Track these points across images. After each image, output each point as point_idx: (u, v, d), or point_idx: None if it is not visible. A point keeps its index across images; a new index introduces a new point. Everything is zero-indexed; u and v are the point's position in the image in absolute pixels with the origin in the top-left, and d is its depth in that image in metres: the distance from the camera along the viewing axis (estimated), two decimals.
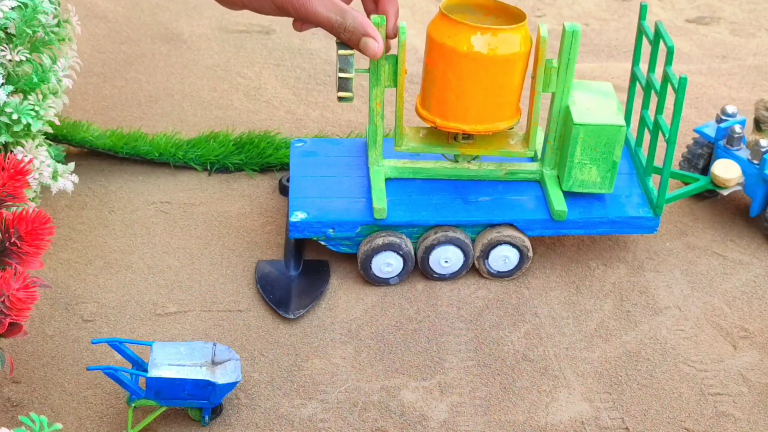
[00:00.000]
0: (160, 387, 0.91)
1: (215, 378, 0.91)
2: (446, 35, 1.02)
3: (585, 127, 1.07)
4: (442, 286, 1.12)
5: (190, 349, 0.94)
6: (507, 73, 1.04)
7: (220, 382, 0.91)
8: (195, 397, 0.91)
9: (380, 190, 1.10)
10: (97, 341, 0.93)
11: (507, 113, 1.08)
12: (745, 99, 1.48)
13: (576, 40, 1.05)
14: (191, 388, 0.91)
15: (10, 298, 0.80)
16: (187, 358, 0.93)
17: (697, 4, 1.78)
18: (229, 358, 0.94)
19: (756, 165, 1.18)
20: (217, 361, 0.94)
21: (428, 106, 1.08)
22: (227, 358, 0.94)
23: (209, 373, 0.92)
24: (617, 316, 1.09)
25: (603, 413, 0.98)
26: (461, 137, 1.12)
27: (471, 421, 0.96)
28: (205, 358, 0.93)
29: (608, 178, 1.10)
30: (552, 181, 1.13)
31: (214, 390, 0.91)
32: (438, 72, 1.05)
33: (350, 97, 1.07)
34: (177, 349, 0.94)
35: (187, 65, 1.54)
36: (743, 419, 0.97)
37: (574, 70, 1.07)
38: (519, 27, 1.03)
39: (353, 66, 1.05)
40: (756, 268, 1.16)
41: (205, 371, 0.92)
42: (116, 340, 0.92)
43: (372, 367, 1.02)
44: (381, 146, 1.13)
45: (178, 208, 1.23)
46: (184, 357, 0.93)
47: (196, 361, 0.93)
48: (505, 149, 1.12)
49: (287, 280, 1.11)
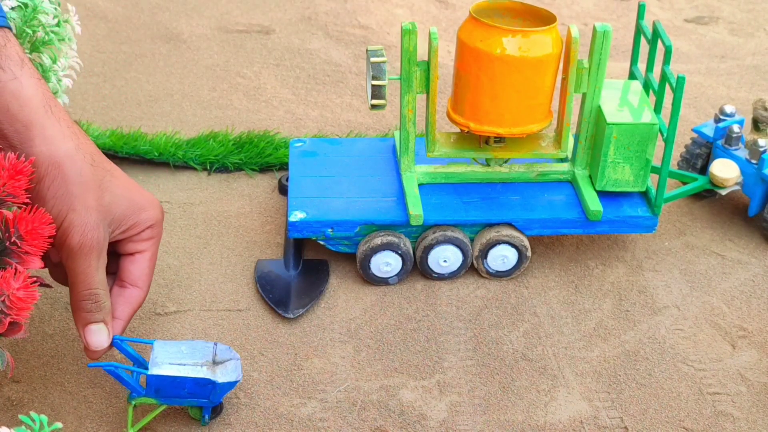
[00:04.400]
0: (160, 385, 0.91)
1: (216, 377, 0.91)
2: (478, 39, 1.03)
3: (618, 126, 1.08)
4: (441, 285, 1.13)
5: (191, 348, 0.94)
6: (539, 74, 1.04)
7: (221, 381, 0.91)
8: (195, 395, 0.92)
9: (414, 196, 1.10)
10: None
11: (540, 115, 1.08)
12: (744, 99, 1.48)
13: (607, 40, 1.05)
14: (192, 387, 0.91)
15: (11, 297, 0.80)
16: (188, 357, 0.93)
17: (696, 4, 1.78)
18: (230, 357, 0.94)
19: (754, 164, 1.18)
20: (218, 360, 0.94)
21: (461, 111, 1.09)
22: (228, 358, 0.94)
23: (210, 372, 0.92)
24: (616, 316, 1.09)
25: (602, 412, 0.98)
26: (493, 141, 1.12)
27: (470, 421, 0.96)
28: (206, 358, 0.93)
29: (641, 176, 1.11)
30: (585, 181, 1.14)
31: (214, 389, 0.91)
32: (471, 76, 1.05)
33: (384, 104, 1.07)
34: (178, 347, 0.94)
35: (186, 65, 1.54)
36: (742, 418, 0.97)
37: (605, 71, 1.08)
38: (550, 28, 1.03)
39: (386, 73, 1.05)
40: (755, 267, 1.16)
41: (205, 370, 0.92)
42: (117, 338, 0.92)
43: (371, 366, 1.02)
44: (413, 152, 1.13)
45: (177, 207, 1.23)
46: (185, 356, 0.93)
47: (197, 360, 0.93)
48: (537, 151, 1.13)
49: (287, 279, 1.11)
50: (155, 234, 0.93)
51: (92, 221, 0.86)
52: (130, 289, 0.93)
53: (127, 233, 0.91)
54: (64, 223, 0.85)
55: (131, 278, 0.93)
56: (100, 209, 0.87)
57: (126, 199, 0.90)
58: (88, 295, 0.88)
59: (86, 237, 0.86)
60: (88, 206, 0.86)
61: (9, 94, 0.83)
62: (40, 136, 0.84)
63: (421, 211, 1.08)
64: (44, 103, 0.85)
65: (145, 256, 0.93)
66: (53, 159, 0.85)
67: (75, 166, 0.85)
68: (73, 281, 0.88)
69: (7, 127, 0.84)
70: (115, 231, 0.90)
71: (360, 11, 1.71)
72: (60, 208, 0.85)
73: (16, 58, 0.85)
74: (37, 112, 0.84)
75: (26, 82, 0.85)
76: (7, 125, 0.84)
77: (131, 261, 0.93)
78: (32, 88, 0.85)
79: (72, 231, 0.85)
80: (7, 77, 0.83)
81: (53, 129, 0.85)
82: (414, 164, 1.14)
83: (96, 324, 0.89)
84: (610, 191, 1.13)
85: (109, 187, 0.88)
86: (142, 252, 0.93)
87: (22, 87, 0.84)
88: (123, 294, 0.93)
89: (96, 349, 0.90)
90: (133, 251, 0.93)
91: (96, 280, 0.88)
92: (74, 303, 0.89)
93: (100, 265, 0.88)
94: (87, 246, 0.86)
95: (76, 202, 0.85)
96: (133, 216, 0.90)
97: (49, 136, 0.85)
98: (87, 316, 0.89)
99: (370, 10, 1.71)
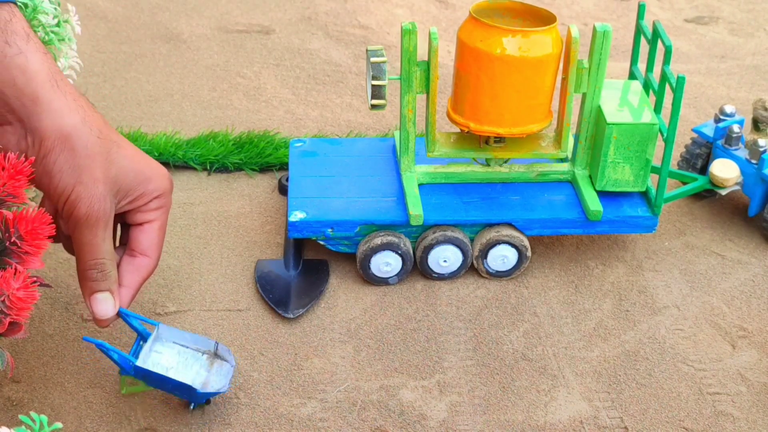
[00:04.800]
0: (146, 375, 0.91)
1: (210, 372, 0.92)
2: (478, 39, 1.03)
3: (618, 126, 1.08)
4: (441, 285, 1.13)
5: (194, 338, 0.94)
6: (540, 74, 1.04)
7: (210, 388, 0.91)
8: (179, 391, 0.92)
9: (415, 197, 1.10)
10: None
11: (540, 115, 1.08)
12: (744, 99, 1.48)
13: (607, 40, 1.05)
14: (175, 385, 0.91)
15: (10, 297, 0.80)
16: (191, 342, 0.93)
17: (696, 4, 1.78)
18: (228, 359, 0.95)
19: (754, 164, 1.18)
20: (219, 354, 0.94)
21: (461, 111, 1.09)
22: (226, 359, 0.95)
23: (207, 364, 0.92)
24: (616, 316, 1.09)
25: (602, 412, 0.98)
26: (493, 141, 1.12)
27: (470, 421, 0.96)
28: (208, 348, 0.94)
29: (641, 176, 1.11)
30: (585, 181, 1.14)
31: (195, 394, 0.91)
32: (471, 76, 1.05)
33: (384, 104, 1.07)
34: (182, 334, 0.94)
35: (186, 65, 1.54)
36: (742, 418, 0.97)
37: (605, 71, 1.08)
38: (550, 28, 1.03)
39: (386, 73, 1.06)
40: (755, 267, 1.16)
41: (204, 360, 0.92)
42: (123, 311, 0.92)
43: (371, 366, 1.02)
44: (413, 152, 1.13)
45: (177, 207, 1.23)
46: (188, 341, 0.93)
47: (199, 347, 0.93)
48: (538, 151, 1.13)
49: (286, 279, 1.11)
50: (163, 204, 0.94)
51: (99, 193, 0.87)
52: (140, 258, 0.94)
53: (135, 204, 0.92)
54: (71, 196, 0.86)
55: (140, 247, 0.94)
56: (107, 181, 0.88)
57: (133, 170, 0.90)
58: (94, 265, 0.89)
59: (92, 209, 0.87)
60: (95, 178, 0.87)
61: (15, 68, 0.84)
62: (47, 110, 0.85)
63: (421, 211, 1.08)
64: (50, 77, 0.86)
65: (154, 226, 0.94)
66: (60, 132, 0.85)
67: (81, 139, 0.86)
68: (80, 251, 0.89)
69: (14, 101, 0.84)
70: (122, 202, 0.91)
71: (360, 11, 1.71)
72: (67, 181, 0.86)
73: (22, 33, 0.85)
74: (43, 86, 0.85)
75: (32, 57, 0.85)
76: (14, 99, 0.84)
77: (140, 231, 0.94)
78: (38, 62, 0.85)
79: (79, 203, 0.86)
80: (13, 52, 0.84)
81: (59, 102, 0.86)
82: (414, 164, 1.14)
83: (102, 293, 0.90)
84: (610, 191, 1.13)
85: (116, 158, 0.89)
86: (150, 222, 0.94)
87: (28, 61, 0.85)
88: (132, 263, 0.94)
89: (102, 317, 0.91)
90: (142, 221, 0.94)
91: (102, 249, 0.89)
92: (80, 272, 0.90)
93: (107, 236, 0.89)
94: (93, 217, 0.87)
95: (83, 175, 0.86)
96: (140, 187, 0.91)
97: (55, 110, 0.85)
98: (93, 285, 0.90)
99: (370, 10, 1.72)
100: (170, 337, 0.94)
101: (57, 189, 0.86)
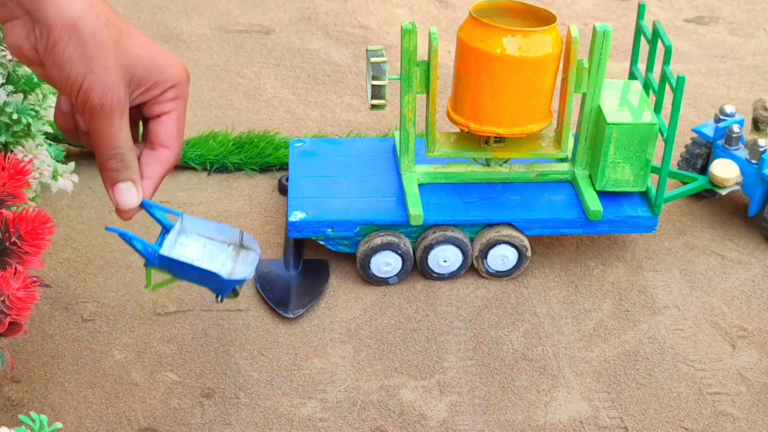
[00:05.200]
0: (171, 265, 0.88)
1: (236, 263, 0.89)
2: (478, 39, 1.03)
3: (618, 126, 1.08)
4: (441, 285, 1.13)
5: (219, 228, 0.92)
6: (539, 74, 1.04)
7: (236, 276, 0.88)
8: (204, 281, 0.89)
9: (414, 196, 1.10)
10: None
11: (540, 115, 1.08)
12: (744, 99, 1.48)
13: (607, 40, 1.05)
14: (200, 274, 0.88)
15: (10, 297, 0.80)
16: (216, 233, 0.91)
17: (696, 4, 1.78)
18: (253, 248, 0.91)
19: (754, 164, 1.18)
20: (244, 245, 0.91)
21: (461, 111, 1.09)
22: (251, 248, 0.91)
23: (233, 255, 0.89)
24: (616, 316, 1.09)
25: (602, 412, 0.98)
26: (493, 141, 1.12)
27: (470, 421, 0.96)
28: (233, 239, 0.91)
29: (641, 176, 1.11)
30: (585, 181, 1.14)
31: (221, 282, 0.88)
32: (471, 76, 1.05)
33: (384, 104, 1.07)
34: (206, 224, 0.92)
35: (186, 65, 1.54)
36: (742, 418, 0.97)
37: (605, 71, 1.08)
38: (550, 28, 1.03)
39: (386, 73, 1.06)
40: (754, 267, 1.16)
41: (230, 251, 0.90)
42: (147, 202, 0.90)
43: (371, 366, 1.02)
44: (413, 152, 1.13)
45: (177, 207, 1.23)
46: (214, 232, 0.91)
47: (224, 239, 0.91)
48: (537, 151, 1.13)
49: (287, 279, 1.11)
50: (179, 94, 0.93)
51: (111, 81, 0.86)
52: (160, 150, 0.93)
53: (150, 94, 0.91)
54: (83, 86, 0.85)
55: (159, 139, 0.93)
56: (119, 69, 0.87)
57: (145, 59, 0.89)
58: (113, 155, 0.88)
59: (106, 97, 0.86)
60: (106, 67, 0.86)
61: None
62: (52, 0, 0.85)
63: (421, 211, 1.08)
64: None
65: (171, 117, 0.93)
66: (67, 21, 0.85)
67: (89, 27, 0.85)
68: (97, 143, 0.88)
69: None
70: (135, 92, 0.90)
71: (360, 11, 1.71)
72: (78, 71, 0.85)
73: None
74: None
75: None
76: None
77: (158, 123, 0.93)
78: None
79: (92, 92, 0.85)
80: None
81: None
82: (414, 164, 1.14)
83: (124, 182, 0.89)
84: (610, 191, 1.13)
85: (127, 47, 0.88)
86: (168, 113, 0.93)
87: None
88: (153, 155, 0.93)
89: (125, 208, 0.90)
90: (159, 113, 0.93)
91: (119, 138, 0.88)
92: (100, 164, 0.89)
93: (123, 125, 0.88)
94: (108, 106, 0.86)
95: (93, 64, 0.85)
96: (153, 76, 0.90)
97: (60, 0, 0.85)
98: (114, 176, 0.89)
99: (370, 10, 1.72)
100: (195, 229, 0.91)
101: (69, 79, 0.84)
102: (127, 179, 0.88)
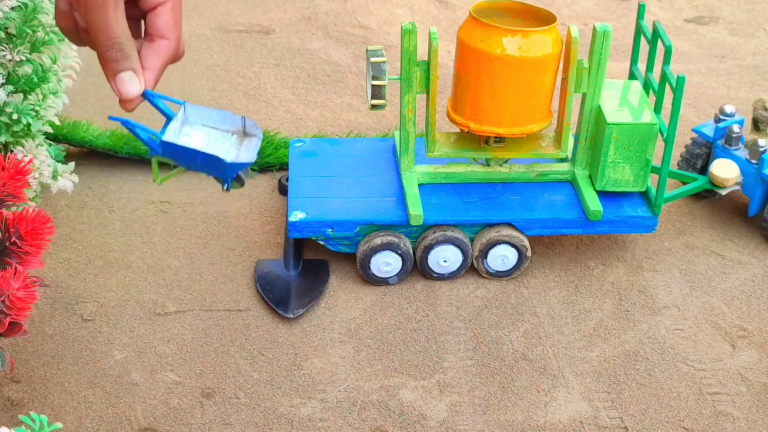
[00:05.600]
0: (175, 152, 0.88)
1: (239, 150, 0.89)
2: (478, 39, 1.03)
3: (618, 126, 1.08)
4: (441, 285, 1.13)
5: (221, 116, 0.92)
6: (539, 74, 1.04)
7: (240, 159, 0.88)
8: (208, 168, 0.89)
9: (414, 196, 1.10)
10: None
11: (540, 115, 1.08)
12: (744, 99, 1.48)
13: (607, 40, 1.05)
14: (203, 159, 0.88)
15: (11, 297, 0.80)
16: (219, 122, 0.91)
17: (696, 4, 1.78)
18: (256, 134, 0.91)
19: (754, 164, 1.18)
20: (248, 132, 0.91)
21: (461, 111, 1.09)
22: (254, 134, 0.91)
23: (237, 143, 0.89)
24: (616, 316, 1.09)
25: (602, 412, 0.98)
26: (493, 141, 1.12)
27: (470, 421, 0.96)
28: (236, 126, 0.91)
29: (641, 176, 1.11)
30: (585, 181, 1.14)
31: (225, 167, 0.88)
32: (471, 76, 1.05)
33: (384, 104, 1.07)
34: (209, 113, 0.91)
35: (186, 65, 1.54)
36: (742, 418, 0.97)
37: (605, 71, 1.08)
38: (550, 28, 1.03)
39: (386, 73, 1.06)
40: (754, 267, 1.16)
41: (233, 139, 0.90)
42: (149, 92, 0.91)
43: (371, 366, 1.02)
44: (413, 152, 1.13)
45: (177, 207, 1.23)
46: (217, 121, 0.91)
47: (228, 128, 0.91)
48: (537, 151, 1.13)
49: (287, 279, 1.11)
50: None
51: None
52: (158, 41, 0.93)
53: None
54: None
55: (158, 31, 0.93)
56: None
57: None
58: (112, 45, 0.89)
59: None
60: None
61: None
62: None
63: (421, 211, 1.08)
64: None
65: (167, 7, 0.94)
66: None
67: None
68: (95, 35, 0.88)
69: None
70: None
71: (360, 11, 1.71)
72: None
73: None
74: None
75: None
76: None
77: (154, 14, 0.94)
78: None
79: None
80: None
81: None
82: (414, 164, 1.14)
83: (125, 72, 0.89)
84: (610, 191, 1.13)
85: None
86: (163, 3, 0.94)
87: None
88: (152, 47, 0.93)
89: (128, 97, 0.90)
90: (155, 4, 0.94)
91: (116, 29, 0.89)
92: (100, 56, 0.89)
93: (119, 15, 0.88)
94: None
95: None
96: None
97: None
98: (114, 66, 0.89)
99: (370, 10, 1.72)
100: (198, 118, 0.91)
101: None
102: (128, 68, 0.89)
